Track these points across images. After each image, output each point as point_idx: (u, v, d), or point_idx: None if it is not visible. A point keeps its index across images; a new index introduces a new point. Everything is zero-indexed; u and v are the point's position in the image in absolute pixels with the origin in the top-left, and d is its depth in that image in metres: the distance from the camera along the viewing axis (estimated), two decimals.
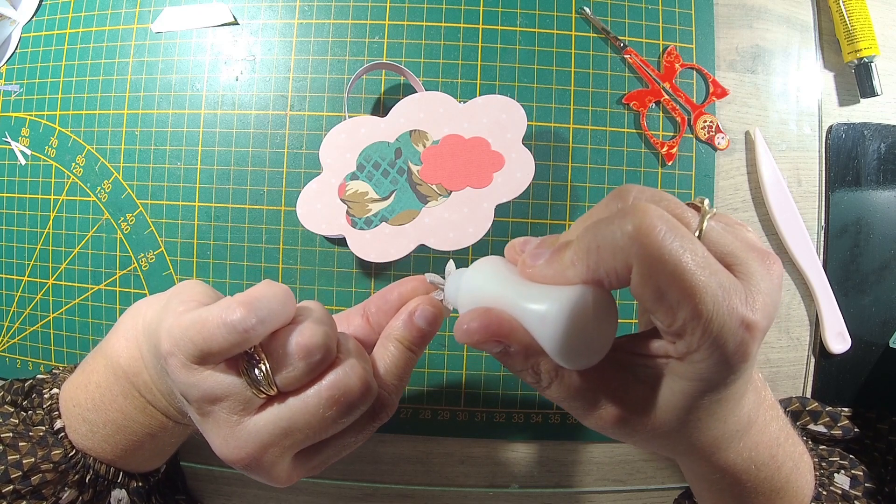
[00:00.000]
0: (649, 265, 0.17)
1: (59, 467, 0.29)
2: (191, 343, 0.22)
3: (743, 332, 0.18)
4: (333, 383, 0.23)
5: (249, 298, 0.23)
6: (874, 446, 0.39)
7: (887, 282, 0.44)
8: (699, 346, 0.18)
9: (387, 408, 0.26)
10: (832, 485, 0.34)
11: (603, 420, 0.22)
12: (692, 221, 0.20)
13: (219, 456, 0.24)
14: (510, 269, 0.22)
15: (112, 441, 0.30)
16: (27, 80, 0.46)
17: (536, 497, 0.44)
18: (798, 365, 0.44)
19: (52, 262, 0.45)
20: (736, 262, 0.19)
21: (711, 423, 0.22)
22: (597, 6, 0.44)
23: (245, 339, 0.22)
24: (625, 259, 0.18)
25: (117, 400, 0.29)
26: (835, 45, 0.45)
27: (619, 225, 0.18)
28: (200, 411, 0.24)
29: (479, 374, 0.43)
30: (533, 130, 0.43)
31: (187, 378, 0.23)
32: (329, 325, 0.24)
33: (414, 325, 0.26)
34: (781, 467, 0.26)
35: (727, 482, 0.25)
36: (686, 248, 0.17)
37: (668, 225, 0.18)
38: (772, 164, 0.43)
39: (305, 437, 0.23)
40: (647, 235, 0.17)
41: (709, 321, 0.18)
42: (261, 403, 0.23)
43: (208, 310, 0.23)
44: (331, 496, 0.44)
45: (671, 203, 0.20)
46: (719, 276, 0.18)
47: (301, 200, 0.37)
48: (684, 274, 0.17)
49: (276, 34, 0.44)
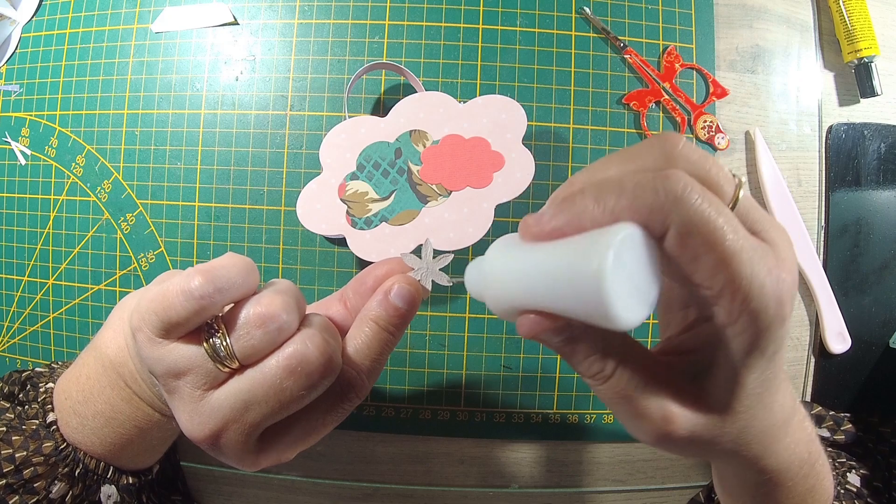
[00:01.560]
0: (689, 227, 0.18)
1: (50, 460, 0.29)
2: (153, 315, 0.23)
3: (783, 290, 0.18)
4: (291, 353, 0.23)
5: (209, 267, 0.23)
6: (877, 450, 0.39)
7: (887, 282, 0.44)
8: (740, 312, 0.18)
9: (356, 388, 0.25)
10: (847, 483, 0.34)
11: (661, 423, 0.21)
12: (727, 188, 0.20)
13: (186, 435, 0.24)
14: (530, 245, 0.21)
15: (101, 434, 0.30)
16: (27, 80, 0.46)
17: (536, 497, 0.44)
18: (798, 365, 0.44)
19: (52, 262, 0.45)
20: (762, 229, 0.20)
21: (760, 412, 0.21)
22: (597, 6, 0.44)
23: (202, 306, 0.22)
24: (663, 217, 0.18)
25: (105, 391, 0.30)
26: (835, 45, 0.45)
27: (662, 185, 0.18)
28: (167, 388, 0.24)
29: (479, 374, 0.43)
30: (533, 130, 0.43)
31: (153, 352, 0.23)
32: (291, 296, 0.24)
33: (390, 304, 0.25)
34: (815, 463, 0.25)
35: (770, 486, 0.25)
36: (722, 211, 0.18)
37: (704, 191, 0.18)
38: (772, 164, 0.43)
39: (267, 411, 0.23)
40: (689, 198, 0.18)
41: (749, 283, 0.18)
42: (224, 378, 0.23)
43: (170, 280, 0.23)
44: (331, 496, 0.44)
45: (712, 164, 0.20)
46: (752, 239, 0.18)
47: (301, 200, 0.37)
48: (723, 236, 0.17)
49: (276, 34, 0.44)
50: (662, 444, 0.21)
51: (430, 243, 0.27)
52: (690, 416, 0.21)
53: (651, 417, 0.21)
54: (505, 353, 0.43)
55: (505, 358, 0.43)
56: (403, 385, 0.43)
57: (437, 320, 0.43)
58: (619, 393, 0.21)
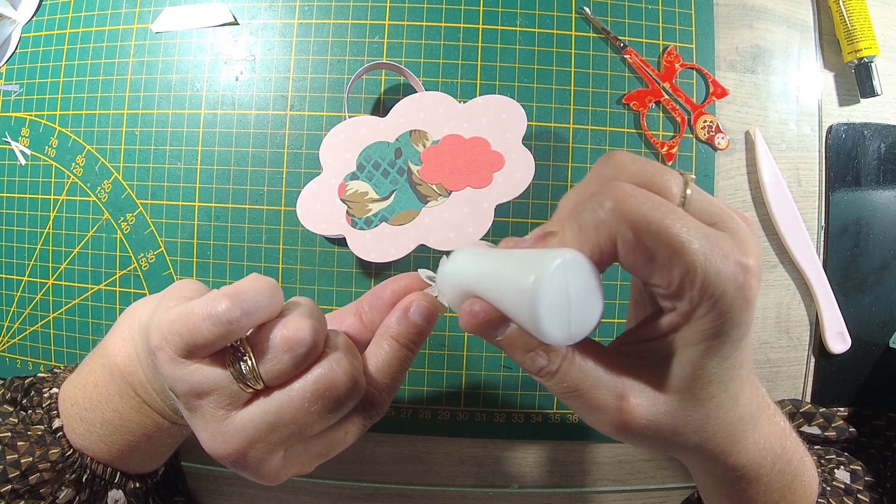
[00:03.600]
0: (633, 230, 0.18)
1: (57, 466, 0.29)
2: (177, 336, 0.22)
3: (740, 273, 0.18)
4: (319, 377, 0.23)
5: (235, 291, 0.23)
6: (871, 443, 0.39)
7: (887, 282, 0.44)
8: (700, 298, 0.18)
9: (377, 406, 0.25)
10: (834, 480, 0.34)
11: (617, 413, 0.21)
12: (674, 188, 0.20)
13: (207, 452, 0.24)
14: (491, 250, 0.22)
15: (109, 441, 0.30)
16: (27, 80, 0.46)
17: (536, 497, 0.44)
18: (798, 365, 0.44)
19: (52, 262, 0.45)
20: (719, 220, 0.20)
21: (726, 403, 0.21)
22: (597, 6, 0.44)
23: (229, 331, 0.22)
24: (608, 232, 0.19)
25: (114, 399, 0.29)
26: (835, 45, 0.45)
27: (599, 202, 0.19)
28: (188, 406, 0.24)
29: (479, 374, 0.43)
30: (533, 130, 0.43)
31: (175, 372, 0.23)
32: (317, 318, 0.24)
33: (409, 321, 0.25)
34: (791, 459, 0.25)
35: (744, 483, 0.24)
36: (666, 208, 0.18)
37: (645, 193, 0.19)
38: (772, 164, 0.43)
39: (292, 432, 0.23)
40: (626, 203, 0.18)
41: (704, 270, 0.18)
42: (248, 398, 0.23)
43: (195, 302, 0.23)
44: (331, 496, 0.44)
45: (654, 168, 0.20)
46: (703, 228, 0.19)
47: (301, 200, 0.37)
48: (669, 229, 0.18)
49: (276, 34, 0.44)
50: (622, 434, 0.21)
51: (445, 260, 0.27)
52: (648, 405, 0.21)
53: (606, 408, 0.21)
54: (505, 353, 0.43)
55: (505, 358, 0.43)
56: (403, 385, 0.43)
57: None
58: (569, 387, 0.21)
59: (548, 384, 0.22)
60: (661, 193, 0.19)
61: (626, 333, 0.23)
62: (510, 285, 0.20)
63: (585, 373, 0.21)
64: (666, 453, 0.24)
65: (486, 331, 0.21)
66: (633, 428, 0.21)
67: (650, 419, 0.21)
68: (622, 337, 0.23)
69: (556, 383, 0.21)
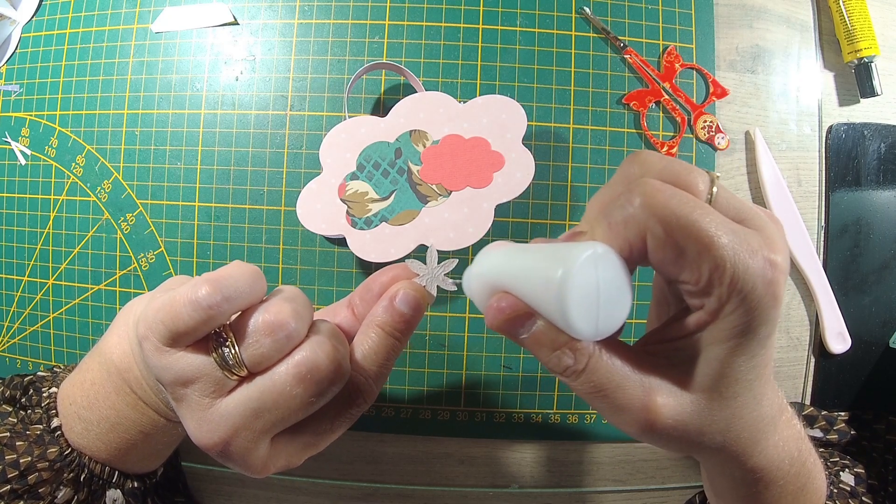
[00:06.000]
0: (663, 226, 0.18)
1: (55, 465, 0.29)
2: (160, 324, 0.23)
3: (769, 269, 0.18)
4: (300, 360, 0.23)
5: (216, 276, 0.23)
6: (872, 447, 0.39)
7: (887, 282, 0.44)
8: (729, 294, 0.18)
9: (364, 394, 0.25)
10: (840, 482, 0.34)
11: (643, 413, 0.21)
12: (701, 185, 0.20)
13: (195, 443, 0.24)
14: (521, 246, 0.22)
15: (106, 439, 0.30)
16: (27, 80, 0.46)
17: (536, 497, 0.44)
18: (798, 365, 0.44)
19: (52, 262, 0.45)
20: (746, 217, 0.20)
21: (750, 402, 0.21)
22: (597, 6, 0.44)
23: (210, 316, 0.22)
24: (637, 228, 0.19)
25: (110, 397, 0.30)
26: (835, 45, 0.45)
27: (628, 198, 0.19)
28: (175, 396, 0.24)
29: (479, 374, 0.43)
30: (533, 130, 0.43)
31: (160, 361, 0.23)
32: (299, 303, 0.24)
33: (395, 310, 0.26)
34: (805, 462, 0.25)
35: (761, 486, 0.24)
36: (694, 204, 0.18)
37: (673, 189, 0.19)
38: (772, 164, 0.43)
39: (276, 418, 0.23)
40: (655, 198, 0.18)
41: (734, 265, 0.18)
42: (233, 385, 0.23)
43: (177, 290, 0.23)
44: (331, 496, 0.44)
45: (681, 166, 0.20)
46: (732, 224, 0.19)
47: (301, 200, 0.37)
48: (698, 223, 0.18)
49: (276, 34, 0.44)
50: (647, 435, 0.21)
51: (434, 250, 0.27)
52: (675, 405, 0.20)
53: (632, 409, 0.21)
54: (505, 354, 0.43)
55: (505, 358, 0.43)
56: (403, 385, 0.43)
57: (437, 320, 0.43)
58: (595, 387, 0.21)
59: (573, 384, 0.21)
60: (688, 191, 0.20)
61: (650, 333, 0.23)
62: (539, 277, 0.19)
63: (612, 372, 0.21)
64: (688, 454, 0.24)
65: (512, 328, 0.21)
66: (658, 429, 0.21)
67: (677, 419, 0.21)
68: (646, 337, 0.23)
69: (583, 383, 0.21)
